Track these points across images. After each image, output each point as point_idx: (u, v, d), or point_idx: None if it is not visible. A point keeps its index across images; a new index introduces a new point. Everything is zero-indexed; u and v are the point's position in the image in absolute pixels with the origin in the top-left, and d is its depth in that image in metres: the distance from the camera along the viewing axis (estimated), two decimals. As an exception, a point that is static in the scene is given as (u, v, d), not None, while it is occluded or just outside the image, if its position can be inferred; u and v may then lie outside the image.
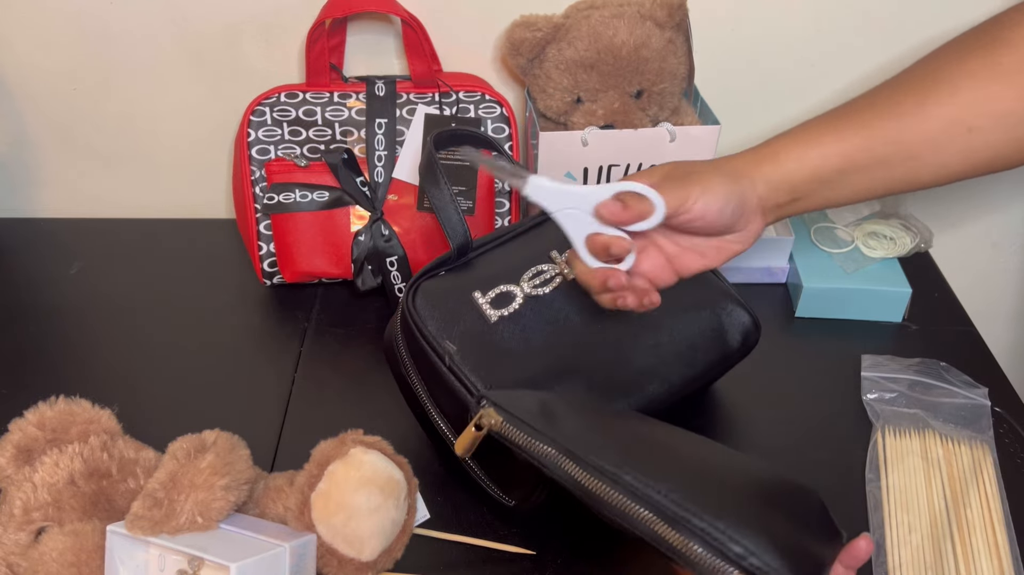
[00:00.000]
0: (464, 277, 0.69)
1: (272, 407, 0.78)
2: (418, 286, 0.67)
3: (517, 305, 0.67)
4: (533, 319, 0.67)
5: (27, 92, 0.97)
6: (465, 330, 0.65)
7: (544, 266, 0.69)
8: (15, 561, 0.57)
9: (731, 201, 0.60)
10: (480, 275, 0.69)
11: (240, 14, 0.91)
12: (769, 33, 0.93)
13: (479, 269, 0.70)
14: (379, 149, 0.87)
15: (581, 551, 0.66)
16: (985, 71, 0.60)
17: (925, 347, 0.83)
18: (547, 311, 0.68)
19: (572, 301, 0.68)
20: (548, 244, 0.71)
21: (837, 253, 0.90)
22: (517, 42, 0.85)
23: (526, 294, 0.68)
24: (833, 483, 0.70)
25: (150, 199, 1.05)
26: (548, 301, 0.68)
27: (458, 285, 0.68)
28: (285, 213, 0.87)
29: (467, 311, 0.66)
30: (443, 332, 0.65)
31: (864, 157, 0.62)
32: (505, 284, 0.68)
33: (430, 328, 0.65)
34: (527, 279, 0.68)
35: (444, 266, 0.69)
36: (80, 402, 0.62)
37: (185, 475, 0.55)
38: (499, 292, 0.67)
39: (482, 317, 0.66)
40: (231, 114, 0.96)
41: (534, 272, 0.69)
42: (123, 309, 0.90)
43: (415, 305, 0.66)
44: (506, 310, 0.67)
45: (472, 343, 0.65)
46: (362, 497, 0.58)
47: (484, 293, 0.67)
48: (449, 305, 0.66)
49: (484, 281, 0.68)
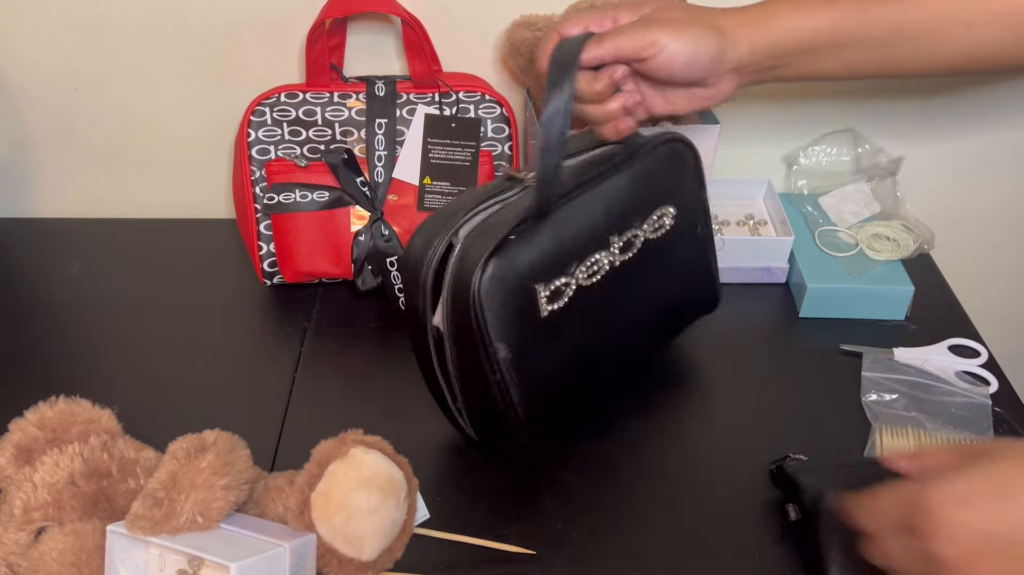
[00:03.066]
0: (530, 254, 0.64)
1: (272, 407, 0.78)
2: (488, 264, 0.61)
3: (567, 299, 0.66)
4: (577, 309, 0.67)
5: (27, 92, 0.97)
6: (521, 330, 0.64)
7: (600, 254, 0.67)
8: (15, 561, 0.57)
9: (701, 55, 0.60)
10: (543, 255, 0.64)
11: (240, 14, 0.91)
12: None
13: (544, 244, 0.64)
14: (379, 149, 0.87)
15: (581, 551, 0.66)
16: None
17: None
18: (588, 300, 0.68)
19: (613, 294, 0.69)
20: (607, 217, 0.68)
21: (841, 257, 0.90)
22: (517, 42, 0.85)
23: (578, 286, 0.67)
24: (833, 483, 0.70)
25: (150, 199, 1.05)
26: (594, 294, 0.68)
27: (523, 270, 0.63)
28: (285, 213, 0.87)
29: (525, 305, 0.64)
30: (499, 332, 0.63)
31: (859, 34, 0.61)
32: (562, 276, 0.65)
33: (490, 321, 0.62)
34: (583, 270, 0.66)
35: (519, 226, 0.63)
36: (80, 402, 0.62)
37: (185, 475, 0.55)
38: (557, 286, 0.65)
39: (536, 311, 0.65)
40: (231, 114, 0.96)
41: (591, 262, 0.67)
42: (123, 309, 0.90)
43: (481, 291, 0.61)
44: (558, 304, 0.66)
45: (522, 343, 0.64)
46: (362, 497, 0.58)
47: (545, 286, 0.64)
48: (510, 299, 0.63)
49: (545, 268, 0.64)
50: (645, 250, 0.71)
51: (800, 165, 0.98)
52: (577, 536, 0.67)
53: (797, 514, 0.65)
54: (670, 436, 0.75)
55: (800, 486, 0.65)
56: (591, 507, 0.69)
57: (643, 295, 0.73)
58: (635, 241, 0.70)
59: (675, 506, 0.69)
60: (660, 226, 0.72)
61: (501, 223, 0.63)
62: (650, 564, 0.65)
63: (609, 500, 0.69)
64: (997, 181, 1.04)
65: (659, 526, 0.68)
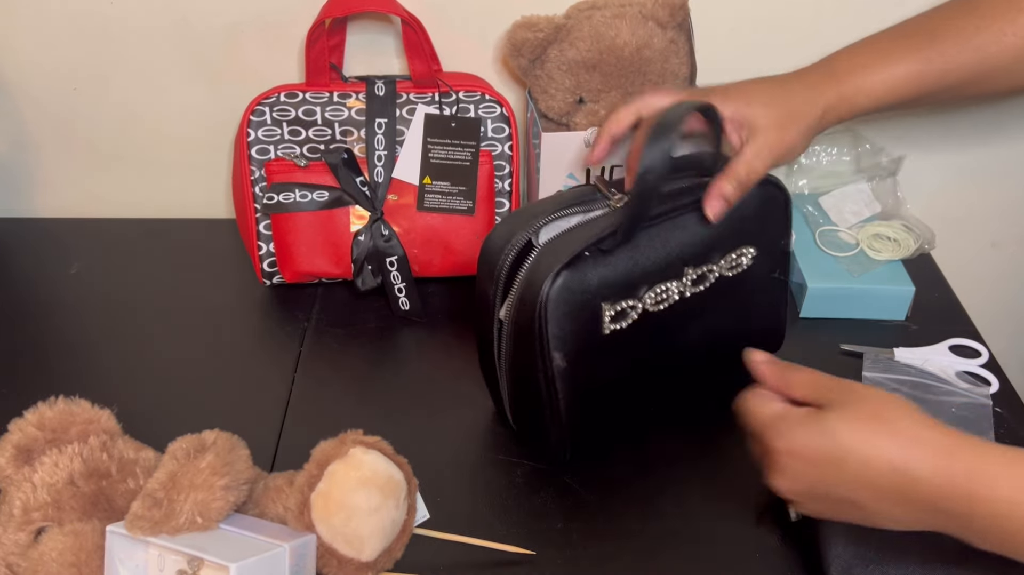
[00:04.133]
0: (601, 272, 0.64)
1: (272, 407, 0.78)
2: (560, 275, 0.62)
3: (631, 320, 0.66)
4: (639, 331, 0.67)
5: (27, 92, 0.97)
6: (579, 344, 0.64)
7: (672, 284, 0.67)
8: (15, 561, 0.57)
9: (792, 156, 0.67)
10: (615, 276, 0.65)
11: (240, 14, 0.91)
12: (770, 33, 0.93)
13: (618, 263, 0.65)
14: (379, 149, 0.87)
15: (581, 551, 0.65)
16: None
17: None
18: (652, 324, 0.68)
19: (676, 321, 0.69)
20: (686, 248, 0.68)
21: (842, 257, 0.90)
22: (519, 43, 0.85)
23: (643, 311, 0.67)
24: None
25: (150, 199, 1.05)
26: (657, 319, 0.68)
27: (593, 287, 0.64)
28: (285, 213, 0.87)
29: (589, 321, 0.65)
30: (559, 342, 0.63)
31: (937, 85, 0.64)
32: (630, 299, 0.66)
33: (552, 330, 0.63)
34: (651, 296, 0.67)
35: (599, 244, 0.64)
36: (80, 402, 0.62)
37: (185, 475, 0.55)
38: (622, 308, 0.66)
39: (599, 328, 0.65)
40: (231, 114, 0.96)
41: (661, 290, 0.67)
42: (123, 309, 0.90)
43: (548, 299, 0.62)
44: (621, 323, 0.66)
45: (579, 356, 0.65)
46: (362, 497, 0.58)
47: (612, 305, 0.65)
48: (575, 312, 0.64)
49: (615, 288, 0.65)
50: (718, 286, 0.70)
51: (800, 165, 0.98)
52: (577, 536, 0.67)
53: (797, 515, 0.65)
54: (669, 436, 0.75)
55: None
56: (591, 507, 0.69)
57: (707, 327, 0.72)
58: (709, 275, 0.69)
59: (675, 506, 0.69)
60: (737, 265, 0.71)
61: (581, 238, 0.64)
62: (650, 564, 0.65)
63: (609, 500, 0.69)
64: (997, 181, 1.04)
65: (659, 526, 0.67)
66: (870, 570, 0.60)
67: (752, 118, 0.66)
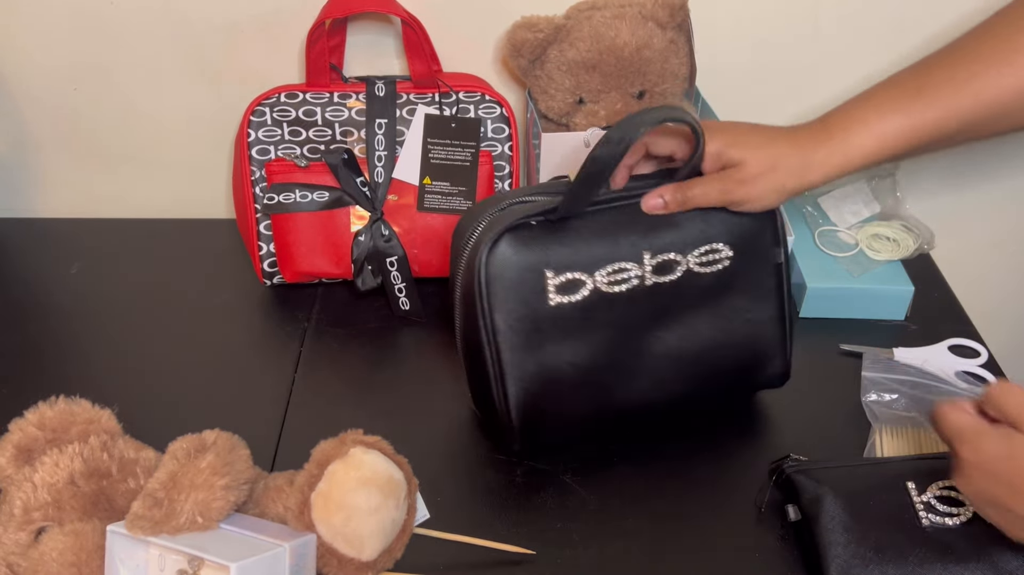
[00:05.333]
0: (547, 243, 0.65)
1: (272, 407, 0.78)
2: (501, 238, 0.63)
3: (581, 296, 0.66)
4: (596, 314, 0.67)
5: (28, 92, 0.97)
6: (524, 310, 0.65)
7: (629, 265, 0.66)
8: (15, 561, 0.57)
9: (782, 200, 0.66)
10: (562, 247, 0.65)
11: (240, 14, 0.91)
12: (770, 34, 0.93)
13: (565, 237, 0.65)
14: (379, 149, 0.87)
15: (581, 551, 0.66)
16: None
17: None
18: (613, 310, 0.67)
19: (641, 312, 0.68)
20: (643, 230, 0.66)
21: (842, 257, 0.90)
22: (519, 43, 0.85)
23: (595, 288, 0.66)
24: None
25: (150, 199, 1.05)
26: (618, 305, 0.67)
27: (538, 254, 0.64)
28: (285, 213, 0.87)
29: (533, 287, 0.65)
30: (500, 304, 0.64)
31: (932, 135, 0.64)
32: (580, 272, 0.65)
33: (493, 290, 0.64)
34: (604, 273, 0.66)
35: (542, 216, 0.65)
36: (80, 402, 0.62)
37: (185, 475, 0.55)
38: (569, 279, 0.65)
39: (543, 297, 0.65)
40: (231, 114, 0.96)
41: (615, 268, 0.66)
42: (123, 309, 0.90)
43: (487, 261, 0.63)
44: (569, 297, 0.65)
45: (523, 324, 0.65)
46: (362, 497, 0.58)
47: (556, 274, 0.65)
48: (518, 276, 0.64)
49: (562, 259, 0.65)
50: (690, 282, 0.68)
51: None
52: (577, 536, 0.67)
53: (797, 514, 0.65)
54: (670, 436, 0.75)
55: (800, 486, 0.65)
56: (591, 507, 0.69)
57: (685, 331, 0.70)
58: (674, 267, 0.67)
59: (675, 506, 0.69)
60: (711, 262, 0.68)
61: (530, 209, 0.65)
62: (650, 564, 0.65)
63: (609, 500, 0.69)
64: (997, 181, 1.04)
65: (659, 526, 0.67)
66: (870, 570, 0.60)
67: (731, 160, 0.66)
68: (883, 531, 0.61)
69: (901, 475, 0.64)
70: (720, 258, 0.69)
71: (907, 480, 0.64)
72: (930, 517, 0.61)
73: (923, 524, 0.61)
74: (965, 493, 0.57)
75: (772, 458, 0.69)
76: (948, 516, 0.61)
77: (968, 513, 0.61)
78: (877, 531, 0.61)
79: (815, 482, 0.64)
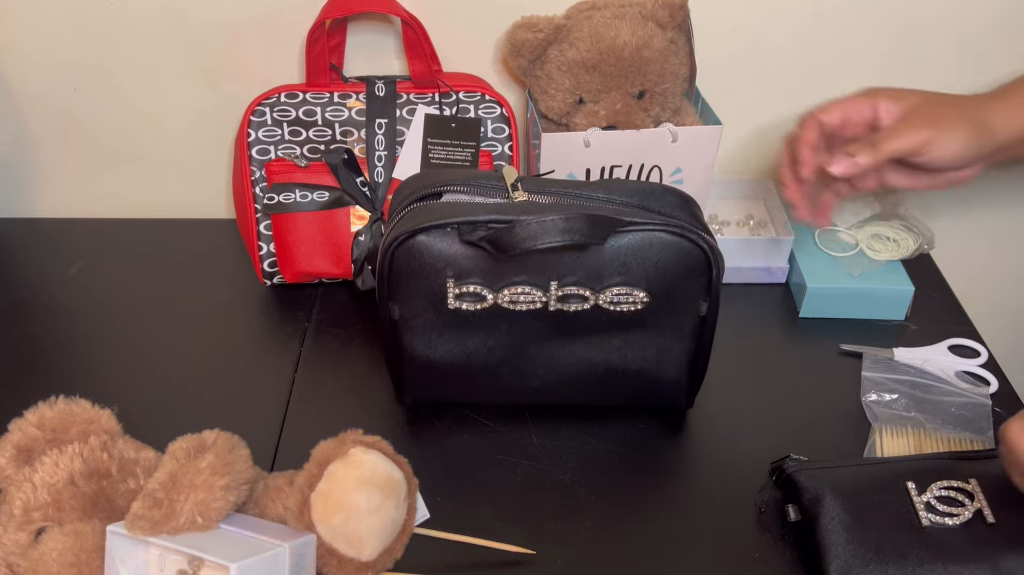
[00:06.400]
0: (457, 253, 0.66)
1: (272, 407, 0.78)
2: (418, 234, 0.65)
3: (480, 307, 0.68)
4: (495, 324, 0.69)
5: (28, 92, 0.97)
6: (422, 306, 0.68)
7: (534, 291, 0.67)
8: (15, 561, 0.57)
9: (968, 154, 0.64)
10: (469, 262, 0.66)
11: (240, 14, 0.91)
12: (770, 34, 0.93)
13: (475, 255, 0.66)
14: (379, 149, 0.87)
15: (581, 551, 0.66)
16: None
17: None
18: (513, 324, 0.69)
19: (541, 329, 0.69)
20: (550, 262, 0.66)
21: (842, 257, 0.90)
22: (519, 43, 0.85)
23: (494, 303, 0.68)
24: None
25: (150, 199, 1.05)
26: (518, 319, 0.68)
27: (447, 259, 0.66)
28: (285, 213, 0.87)
29: (435, 288, 0.67)
30: (397, 295, 0.68)
31: None
32: (482, 286, 0.67)
33: (392, 280, 0.67)
34: (507, 293, 0.67)
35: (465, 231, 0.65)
36: (80, 402, 0.62)
37: (185, 475, 0.55)
38: (470, 290, 0.67)
39: (443, 299, 0.68)
40: (231, 114, 0.96)
41: (519, 291, 0.67)
42: (123, 309, 0.90)
43: (396, 252, 0.66)
44: (468, 305, 0.68)
45: (423, 319, 0.69)
46: (362, 497, 0.58)
47: (458, 284, 0.67)
48: (423, 273, 0.67)
49: (466, 271, 0.66)
50: (598, 314, 0.68)
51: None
52: (577, 536, 0.67)
53: (797, 514, 0.65)
54: (670, 436, 0.75)
55: (800, 486, 0.65)
56: (591, 507, 0.69)
57: (586, 349, 0.71)
58: (582, 301, 0.67)
59: (675, 506, 0.69)
60: (624, 303, 0.67)
61: (457, 212, 0.66)
62: (650, 564, 0.65)
63: (609, 501, 0.69)
64: (997, 181, 1.04)
65: (659, 526, 0.68)
66: (870, 570, 0.60)
67: (904, 107, 0.66)
68: (883, 531, 0.61)
69: (901, 475, 0.64)
70: (635, 301, 0.68)
71: (907, 480, 0.64)
72: (930, 517, 0.62)
73: (923, 524, 0.61)
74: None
75: (772, 458, 0.69)
76: (948, 516, 0.62)
77: (968, 513, 0.61)
78: (877, 531, 0.61)
79: (815, 482, 0.64)
